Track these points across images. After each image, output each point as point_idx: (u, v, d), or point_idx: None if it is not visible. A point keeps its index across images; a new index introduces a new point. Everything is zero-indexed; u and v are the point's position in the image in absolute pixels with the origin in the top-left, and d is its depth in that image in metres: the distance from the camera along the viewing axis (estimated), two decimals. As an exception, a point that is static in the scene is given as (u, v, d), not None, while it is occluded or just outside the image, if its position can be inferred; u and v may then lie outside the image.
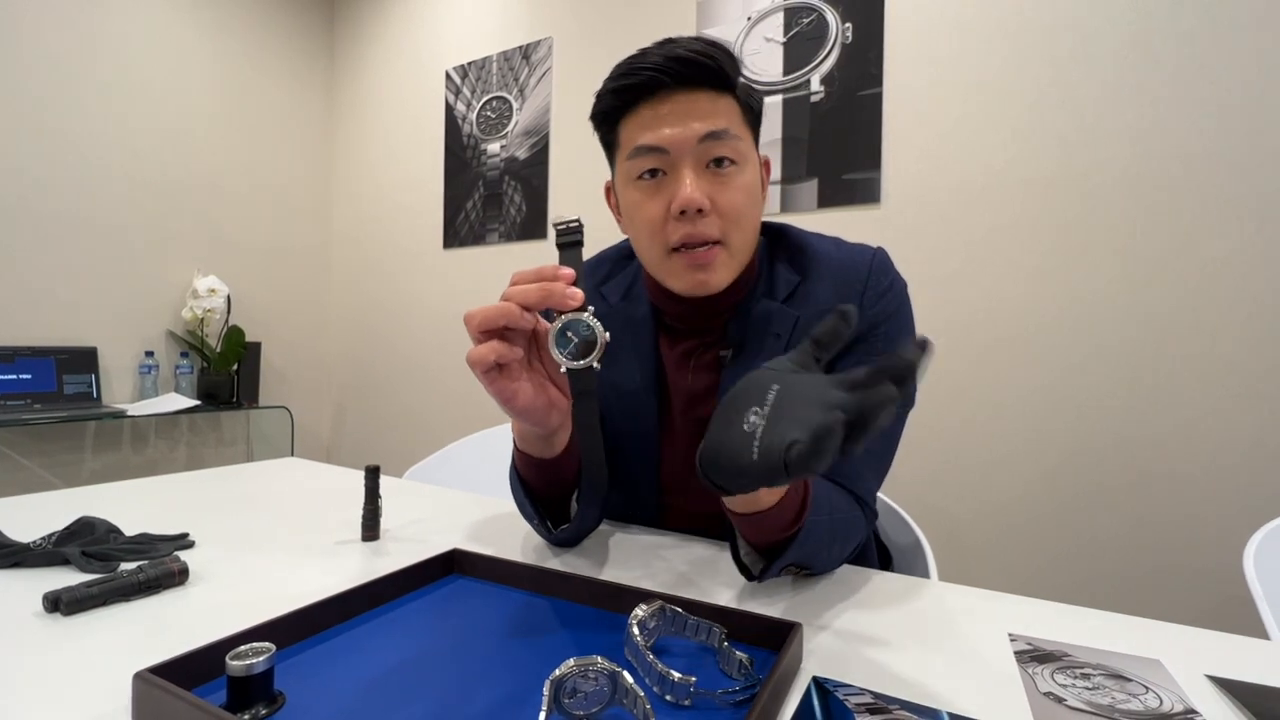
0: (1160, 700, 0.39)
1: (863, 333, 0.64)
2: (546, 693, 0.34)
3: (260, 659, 0.34)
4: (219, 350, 2.59)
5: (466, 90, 2.68)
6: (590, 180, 2.33)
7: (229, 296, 2.61)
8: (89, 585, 0.49)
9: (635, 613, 0.42)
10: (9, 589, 0.52)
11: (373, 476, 0.68)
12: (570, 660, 0.35)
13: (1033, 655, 0.45)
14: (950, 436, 1.68)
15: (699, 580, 0.58)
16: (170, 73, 2.57)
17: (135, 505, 0.79)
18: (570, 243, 0.50)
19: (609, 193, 0.71)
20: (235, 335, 2.59)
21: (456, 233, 2.71)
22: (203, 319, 2.53)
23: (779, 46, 1.91)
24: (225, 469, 1.03)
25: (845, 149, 1.81)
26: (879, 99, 1.76)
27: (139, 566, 0.52)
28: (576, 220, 0.50)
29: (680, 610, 0.44)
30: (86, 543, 0.60)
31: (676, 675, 0.36)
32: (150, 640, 0.44)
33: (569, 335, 0.45)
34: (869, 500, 0.63)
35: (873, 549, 0.75)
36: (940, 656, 0.45)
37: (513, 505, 0.79)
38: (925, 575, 0.75)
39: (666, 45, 0.60)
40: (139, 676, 0.35)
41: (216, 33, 2.72)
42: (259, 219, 2.89)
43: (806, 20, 1.87)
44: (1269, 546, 0.74)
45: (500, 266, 2.59)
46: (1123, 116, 1.48)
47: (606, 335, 0.45)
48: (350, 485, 0.93)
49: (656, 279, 0.66)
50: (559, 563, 0.62)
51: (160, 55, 2.54)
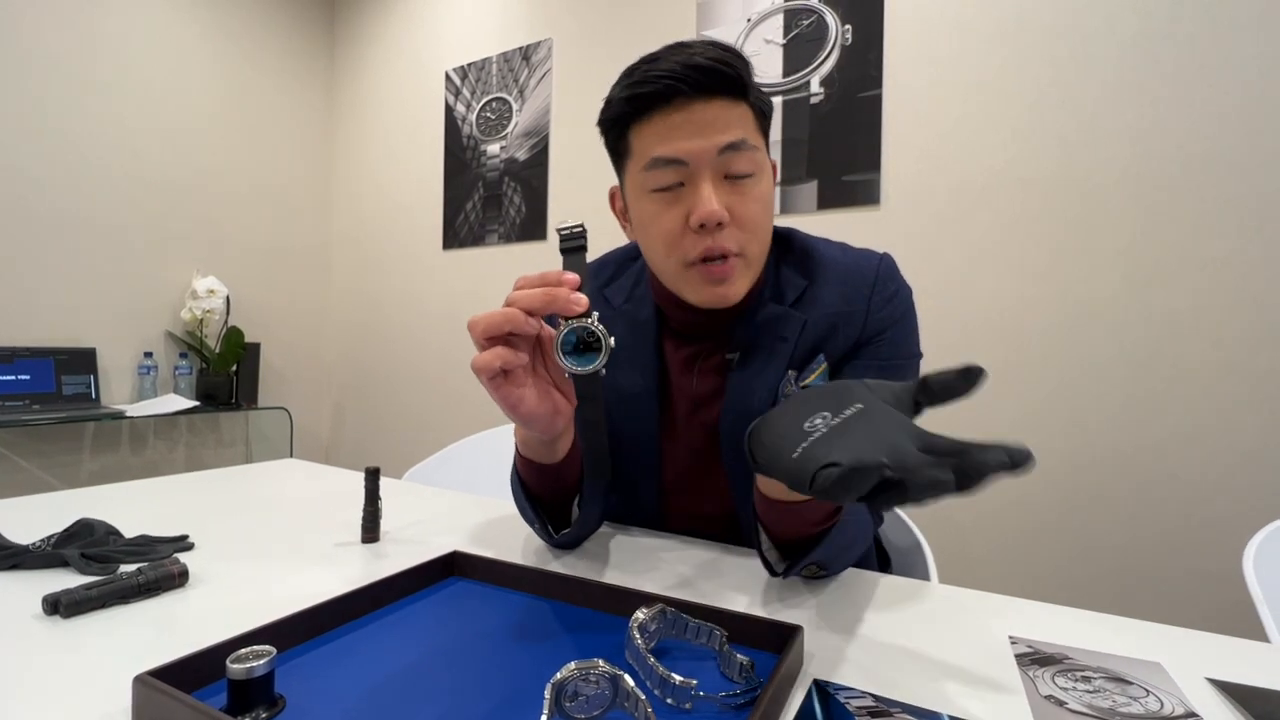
0: (1161, 703, 0.39)
1: (868, 338, 0.64)
2: (547, 696, 0.34)
3: (261, 662, 0.34)
4: (218, 351, 2.59)
5: (466, 91, 2.68)
6: (589, 182, 2.33)
7: (228, 297, 2.61)
8: (88, 588, 0.49)
9: (636, 615, 0.42)
10: (7, 591, 0.52)
11: (372, 478, 0.68)
12: (571, 663, 0.35)
13: (1033, 658, 0.45)
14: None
15: (700, 582, 0.58)
16: (170, 73, 2.57)
17: (134, 507, 0.79)
18: (574, 248, 0.50)
19: (614, 199, 0.71)
20: (234, 336, 2.59)
21: (456, 234, 2.71)
22: (202, 320, 2.53)
23: (779, 48, 1.92)
24: (224, 470, 1.03)
25: (845, 150, 1.82)
26: (879, 100, 1.76)
27: (138, 569, 0.52)
28: (580, 226, 0.50)
29: (681, 613, 0.44)
30: (85, 545, 0.59)
31: (678, 678, 0.36)
32: (150, 643, 0.44)
33: (574, 341, 0.45)
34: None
35: (873, 551, 0.75)
36: (941, 659, 0.45)
37: (513, 507, 0.79)
38: (925, 578, 0.75)
39: (681, 51, 0.59)
40: (139, 680, 0.35)
41: (216, 33, 2.72)
42: (258, 219, 2.88)
43: (806, 22, 1.87)
44: (1269, 549, 0.74)
45: (500, 268, 2.58)
46: (1123, 117, 1.49)
47: (612, 341, 0.45)
48: (350, 487, 0.93)
49: (672, 290, 0.65)
50: (560, 565, 0.62)
51: (160, 55, 2.54)
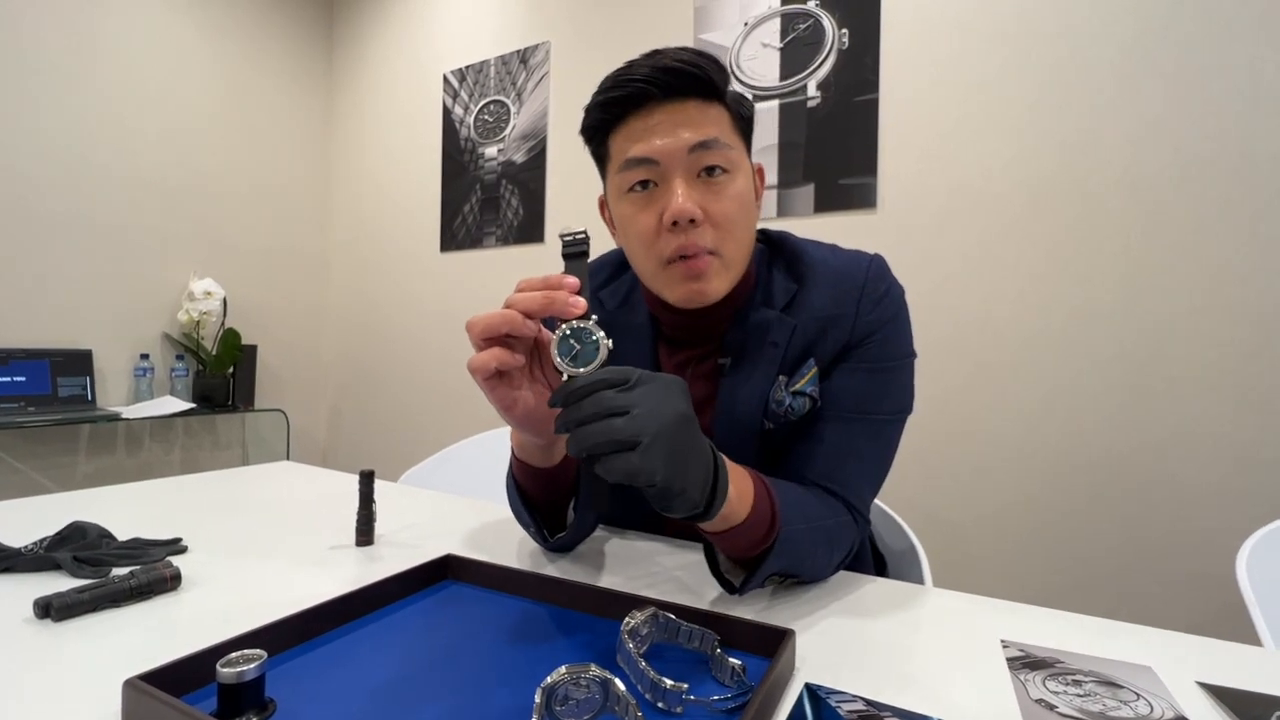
0: (1151, 707, 0.40)
1: (858, 340, 0.64)
2: (538, 700, 0.34)
3: (251, 666, 0.34)
4: (215, 353, 2.58)
5: (464, 94, 2.68)
6: (587, 184, 2.33)
7: (225, 299, 2.60)
8: (80, 591, 0.49)
9: (628, 619, 0.42)
10: (-1, 594, 0.52)
11: (367, 481, 0.68)
12: (562, 667, 0.35)
13: (1025, 662, 0.45)
14: (945, 441, 1.68)
15: (694, 585, 0.58)
16: (168, 74, 2.57)
17: (128, 509, 0.79)
18: (576, 253, 0.50)
19: (603, 207, 0.71)
20: (231, 338, 2.58)
21: (453, 236, 2.71)
22: (198, 321, 2.52)
23: (776, 52, 1.92)
24: (219, 473, 1.02)
25: (842, 154, 1.82)
26: (875, 104, 1.77)
27: (131, 572, 0.52)
28: (583, 232, 0.50)
29: (673, 616, 0.44)
30: (78, 548, 0.59)
31: (669, 682, 0.36)
32: (141, 647, 0.44)
33: (572, 343, 0.45)
34: (860, 507, 0.63)
35: (868, 555, 0.75)
36: (933, 663, 0.45)
37: (507, 510, 0.79)
38: (920, 581, 0.76)
39: (654, 56, 0.60)
40: (129, 684, 0.35)
41: (215, 34, 2.72)
42: (256, 221, 2.88)
43: (803, 26, 1.88)
44: (1262, 552, 0.74)
45: (497, 270, 2.59)
46: (1119, 121, 1.49)
47: (610, 343, 0.45)
48: (345, 489, 0.93)
49: (653, 290, 0.66)
50: (554, 568, 0.62)
51: (159, 57, 2.54)
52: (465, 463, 1.17)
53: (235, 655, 0.35)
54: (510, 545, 0.69)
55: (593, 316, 0.46)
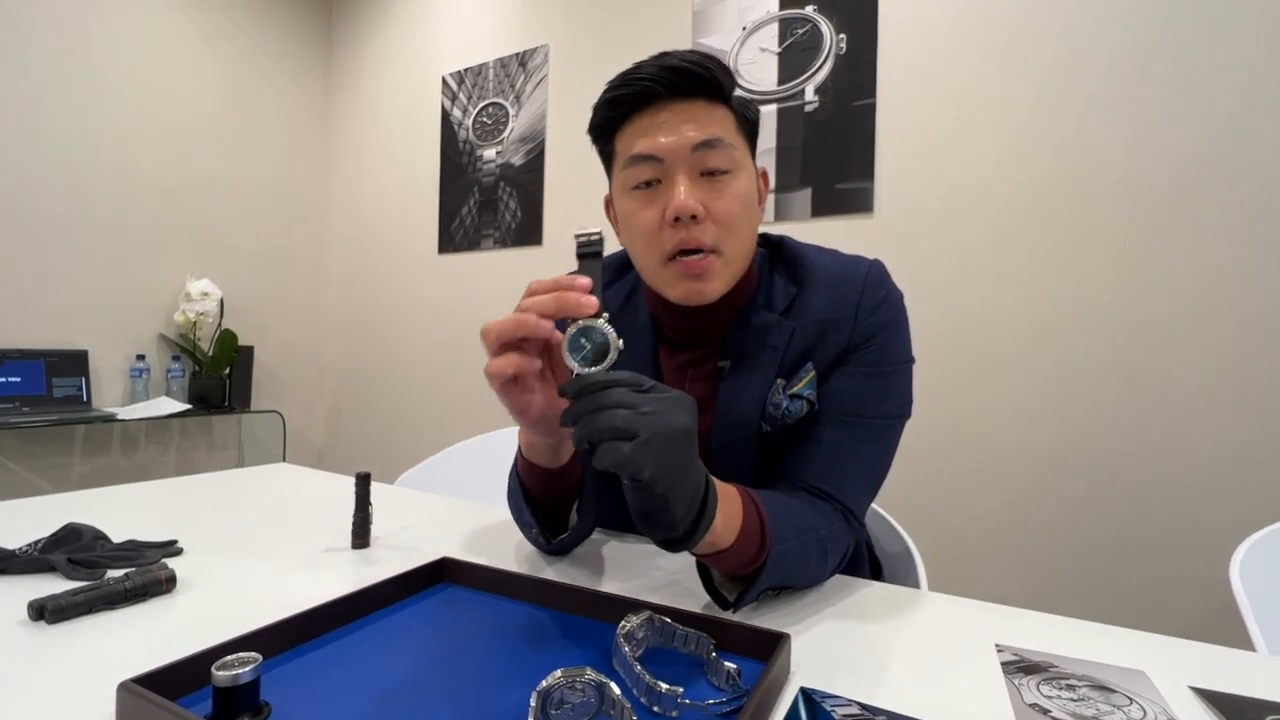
0: (1144, 712, 0.40)
1: (856, 345, 0.64)
2: (533, 704, 0.34)
3: (246, 669, 0.34)
4: (211, 354, 2.57)
5: (463, 96, 2.69)
6: (585, 187, 2.33)
7: (222, 300, 2.60)
8: (74, 593, 0.49)
9: (624, 623, 0.42)
10: (-7, 596, 0.51)
11: (363, 483, 0.68)
12: (558, 671, 0.35)
13: (1019, 666, 0.46)
14: (941, 445, 1.68)
15: (690, 589, 0.58)
16: (166, 75, 2.57)
17: (123, 511, 0.78)
18: (590, 254, 0.51)
19: (608, 206, 0.71)
20: (228, 339, 2.58)
21: (451, 238, 2.71)
22: (195, 322, 2.51)
23: (774, 56, 1.93)
24: (215, 474, 1.02)
25: (839, 158, 1.83)
26: (872, 109, 1.78)
27: (126, 574, 0.52)
28: (598, 232, 0.51)
29: (669, 620, 0.44)
30: (73, 549, 0.59)
31: (664, 686, 0.36)
32: (136, 649, 0.44)
33: (583, 341, 0.46)
34: (855, 510, 0.63)
35: (864, 559, 0.75)
36: (927, 667, 0.45)
37: (504, 512, 0.79)
38: (915, 584, 0.76)
39: (661, 57, 0.61)
40: (123, 687, 0.35)
41: (214, 35, 2.72)
42: (253, 222, 2.88)
43: (801, 31, 1.89)
44: (1255, 557, 0.74)
45: (495, 272, 2.59)
46: (1114, 125, 1.50)
47: (621, 343, 0.46)
48: (341, 492, 0.93)
49: (653, 288, 0.66)
50: (551, 571, 0.62)
51: (157, 57, 2.54)
52: (462, 465, 1.17)
53: (230, 658, 0.35)
54: (507, 548, 0.69)
55: (604, 315, 0.46)
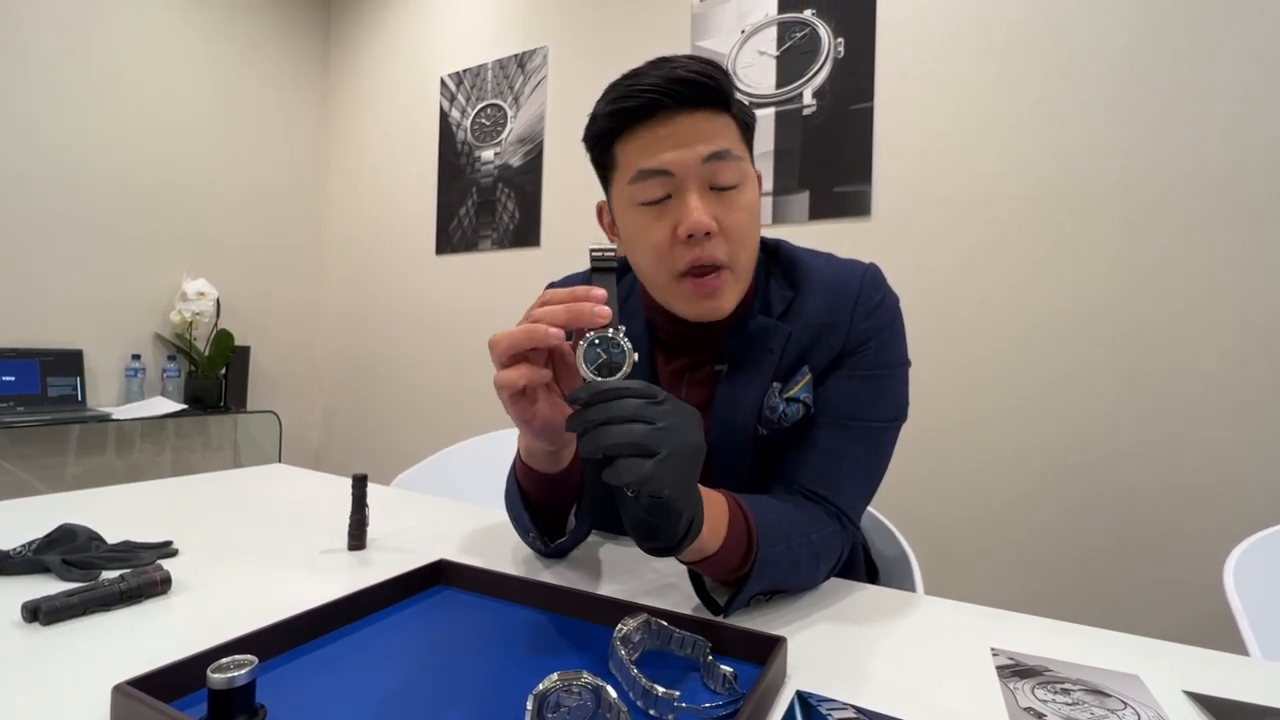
0: (1138, 716, 0.40)
1: (852, 348, 0.65)
2: (529, 707, 0.34)
3: (242, 672, 0.34)
4: (207, 354, 2.57)
5: (461, 97, 2.69)
6: (583, 189, 2.34)
7: (218, 300, 2.59)
8: (69, 594, 0.48)
9: (620, 626, 0.42)
10: (-13, 598, 0.51)
11: (360, 485, 0.68)
12: (554, 674, 0.35)
13: (1014, 670, 0.46)
14: (938, 448, 1.69)
15: (686, 592, 0.58)
16: (164, 74, 2.56)
17: (118, 512, 0.78)
18: (605, 268, 0.51)
19: (601, 213, 0.71)
20: (224, 339, 2.57)
21: (449, 239, 2.71)
22: (191, 322, 2.51)
23: (772, 60, 1.93)
24: (211, 475, 1.02)
25: (837, 162, 1.83)
26: (870, 113, 1.78)
27: (121, 575, 0.52)
28: (614, 250, 0.52)
29: (665, 623, 0.44)
30: (67, 550, 0.59)
31: (660, 689, 0.36)
32: (131, 652, 0.44)
33: (599, 352, 0.46)
34: (850, 513, 0.63)
35: (860, 563, 0.75)
36: (923, 671, 0.46)
37: (501, 515, 0.79)
38: (912, 588, 0.76)
39: (663, 66, 0.60)
40: (117, 689, 0.34)
41: (212, 35, 2.71)
42: (250, 222, 2.87)
43: (799, 34, 1.89)
44: (1249, 562, 0.74)
45: (492, 273, 2.58)
46: (1112, 129, 1.51)
47: (635, 355, 0.46)
48: (337, 493, 0.93)
49: (662, 303, 0.66)
50: (548, 574, 0.62)
51: (154, 56, 2.53)
52: (459, 467, 1.17)
53: (226, 661, 0.35)
54: (503, 550, 0.69)
55: (621, 327, 0.47)
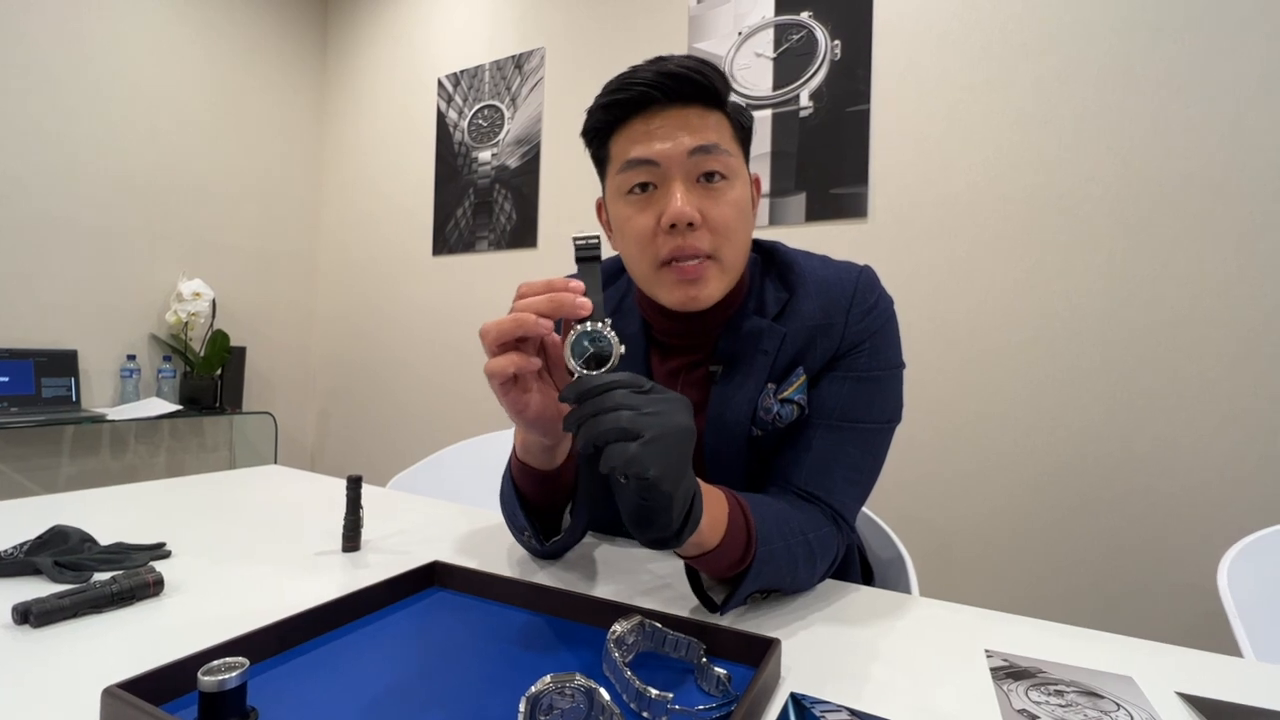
0: (1131, 718, 0.40)
1: (846, 350, 0.65)
2: (522, 709, 0.34)
3: (233, 674, 0.34)
4: (203, 354, 2.56)
5: (458, 98, 2.68)
6: (581, 190, 2.34)
7: (214, 300, 2.58)
8: (60, 596, 0.48)
9: (614, 628, 0.42)
10: (-22, 600, 0.51)
11: (354, 486, 0.68)
12: (547, 676, 0.35)
13: (1008, 671, 0.46)
14: (933, 450, 1.69)
15: (681, 594, 0.58)
16: (160, 74, 2.55)
17: (111, 513, 0.78)
18: (588, 257, 0.51)
19: (600, 209, 0.71)
20: (220, 339, 2.56)
21: (446, 240, 2.70)
22: (187, 323, 2.50)
23: (769, 62, 1.94)
24: (205, 476, 1.01)
25: (833, 164, 1.84)
26: (866, 115, 1.79)
27: (113, 577, 0.52)
28: (596, 237, 0.52)
29: (659, 625, 0.44)
30: (59, 552, 0.59)
31: (654, 692, 0.36)
32: (122, 654, 0.43)
33: (586, 344, 0.46)
34: (845, 514, 0.63)
35: (856, 564, 0.75)
36: (917, 673, 0.46)
37: (497, 516, 0.79)
38: (907, 589, 0.76)
39: (658, 62, 0.61)
40: (108, 692, 0.34)
41: (209, 35, 2.71)
42: (247, 223, 2.86)
43: (796, 37, 1.90)
44: (1243, 563, 0.75)
45: (490, 274, 2.58)
46: (1107, 133, 1.51)
47: (622, 348, 0.46)
48: (332, 494, 0.92)
49: (647, 293, 0.67)
50: (544, 575, 0.62)
51: (151, 57, 2.52)
52: (454, 468, 1.16)
53: (217, 663, 0.35)
54: (498, 552, 0.69)
55: (607, 319, 0.47)
